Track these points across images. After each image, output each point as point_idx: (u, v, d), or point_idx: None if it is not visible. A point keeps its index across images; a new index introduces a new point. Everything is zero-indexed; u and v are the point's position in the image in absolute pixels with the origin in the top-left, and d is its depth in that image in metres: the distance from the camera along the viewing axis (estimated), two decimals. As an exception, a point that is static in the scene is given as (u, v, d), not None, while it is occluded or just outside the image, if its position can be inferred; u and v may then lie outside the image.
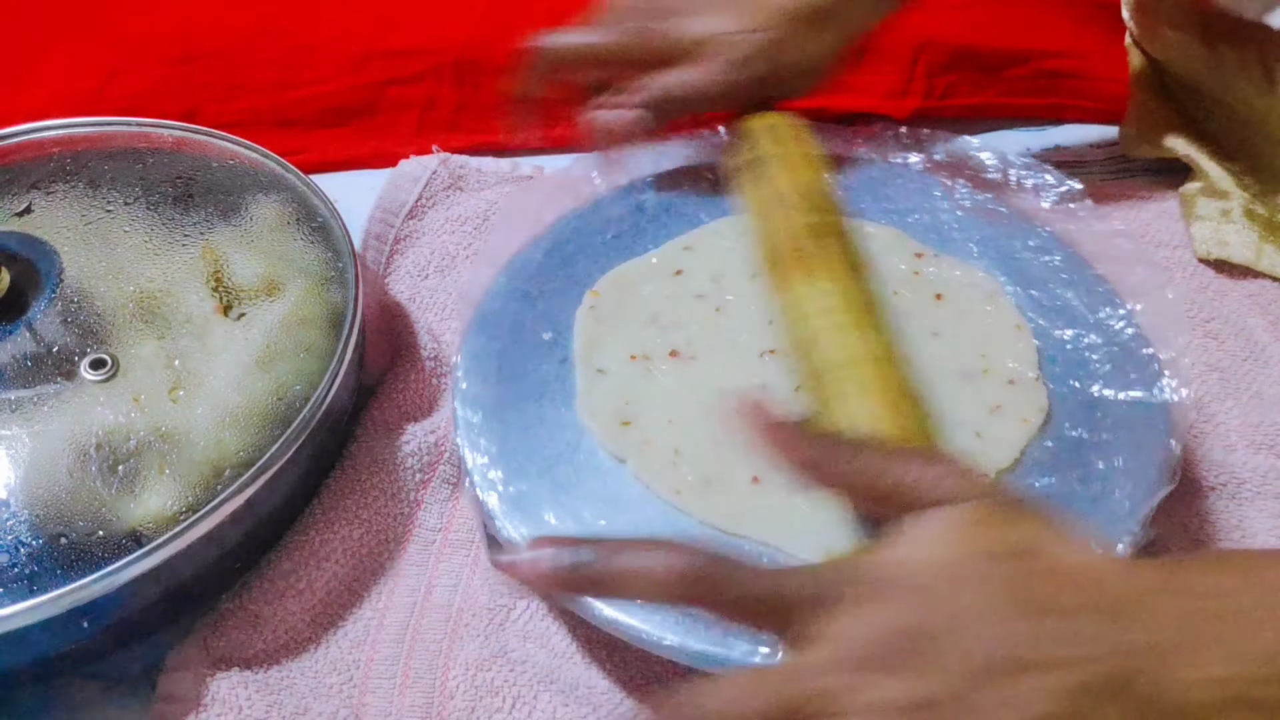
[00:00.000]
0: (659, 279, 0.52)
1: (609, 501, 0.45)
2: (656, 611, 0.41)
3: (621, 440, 0.46)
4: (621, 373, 0.49)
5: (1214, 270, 0.60)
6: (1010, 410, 0.46)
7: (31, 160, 0.57)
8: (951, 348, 0.48)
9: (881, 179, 0.56)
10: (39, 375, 0.47)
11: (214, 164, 0.57)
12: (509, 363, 0.49)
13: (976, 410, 0.46)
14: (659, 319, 0.50)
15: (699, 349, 0.49)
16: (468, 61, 0.71)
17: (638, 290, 0.52)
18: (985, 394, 0.46)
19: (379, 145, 0.69)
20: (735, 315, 0.50)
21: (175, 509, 0.45)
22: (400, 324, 0.57)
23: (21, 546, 0.43)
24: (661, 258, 0.53)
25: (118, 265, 0.51)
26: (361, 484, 0.50)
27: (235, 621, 0.46)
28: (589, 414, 0.47)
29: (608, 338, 0.50)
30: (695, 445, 0.46)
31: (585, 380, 0.48)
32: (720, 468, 0.45)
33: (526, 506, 0.45)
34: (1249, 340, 0.56)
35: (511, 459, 0.46)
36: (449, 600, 0.48)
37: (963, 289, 0.51)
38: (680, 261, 0.53)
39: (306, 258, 0.53)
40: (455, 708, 0.44)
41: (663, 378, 0.48)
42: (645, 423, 0.47)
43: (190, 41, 0.72)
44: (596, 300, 0.51)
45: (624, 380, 0.48)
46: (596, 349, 0.49)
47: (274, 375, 0.48)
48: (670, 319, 0.50)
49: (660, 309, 0.51)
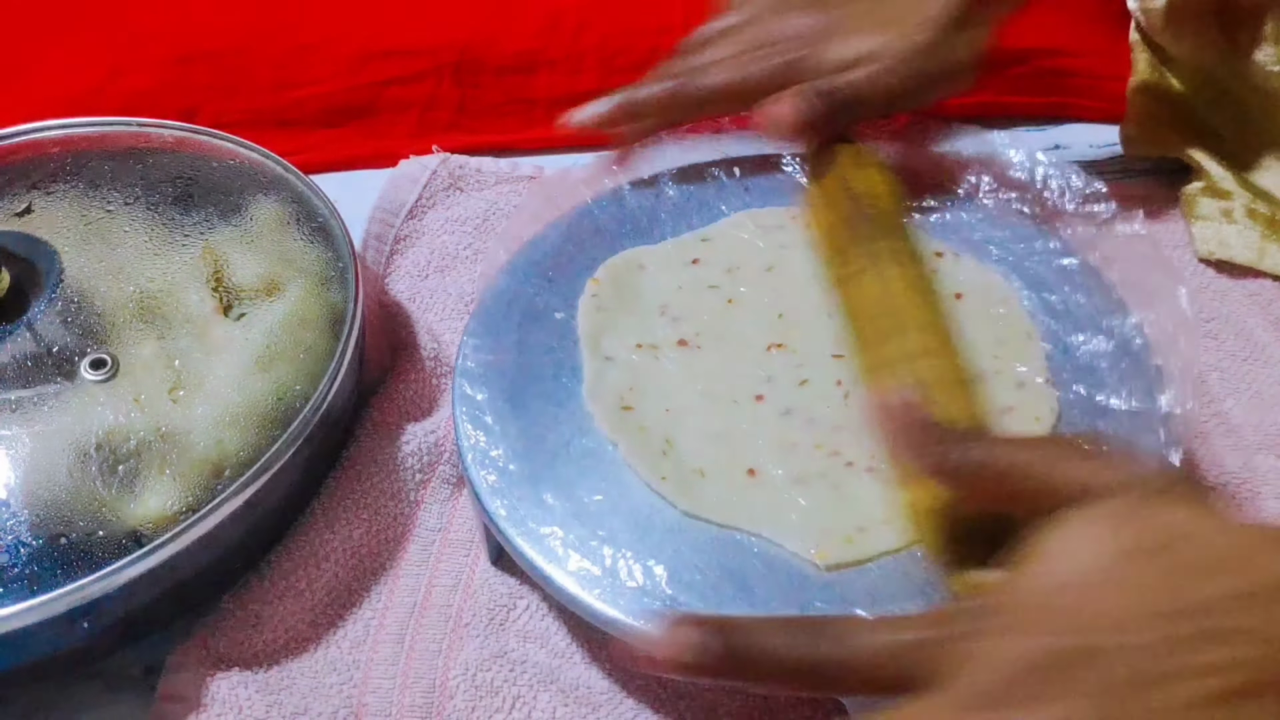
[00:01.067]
0: (673, 268, 0.52)
1: (608, 481, 0.45)
2: (656, 611, 0.41)
3: (618, 424, 0.46)
4: (628, 360, 0.49)
5: (1215, 270, 0.60)
6: (1022, 411, 0.46)
7: (31, 160, 0.57)
8: (965, 348, 0.48)
9: (907, 174, 0.55)
10: (39, 375, 0.47)
11: (214, 164, 0.57)
12: (517, 343, 0.49)
13: (990, 411, 0.46)
14: (669, 309, 0.50)
15: (706, 340, 0.49)
16: (468, 61, 0.71)
17: (648, 278, 0.52)
18: (997, 395, 0.46)
19: (379, 145, 0.68)
20: (746, 308, 0.50)
21: (175, 509, 0.45)
22: (400, 324, 0.57)
23: (21, 546, 0.43)
24: (678, 246, 0.53)
25: (118, 265, 0.51)
26: (361, 484, 0.50)
27: (235, 621, 0.46)
28: (593, 398, 0.47)
29: (616, 325, 0.50)
30: (690, 435, 0.46)
31: (592, 366, 0.48)
32: (715, 458, 0.45)
33: (524, 485, 0.45)
34: (1249, 340, 0.56)
35: (515, 440, 0.46)
36: (449, 600, 0.48)
37: (977, 290, 0.50)
38: (697, 251, 0.53)
39: (306, 258, 0.53)
40: (455, 708, 0.44)
41: (669, 365, 0.48)
42: (645, 409, 0.47)
43: (190, 41, 0.72)
44: (597, 288, 0.51)
45: (630, 367, 0.48)
46: (604, 335, 0.49)
47: (274, 375, 0.48)
48: (681, 309, 0.50)
49: (671, 299, 0.51)
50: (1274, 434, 0.52)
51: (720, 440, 0.46)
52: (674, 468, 0.45)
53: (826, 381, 0.47)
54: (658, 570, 0.42)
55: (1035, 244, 0.52)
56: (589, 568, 0.42)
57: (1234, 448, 0.52)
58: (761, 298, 0.51)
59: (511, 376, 0.48)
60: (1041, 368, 0.47)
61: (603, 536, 0.43)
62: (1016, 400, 0.46)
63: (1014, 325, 0.49)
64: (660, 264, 0.52)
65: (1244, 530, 0.32)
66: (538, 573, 0.43)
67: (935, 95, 0.56)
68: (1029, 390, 0.46)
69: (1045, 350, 0.48)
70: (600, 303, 0.51)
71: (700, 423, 0.46)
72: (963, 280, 0.51)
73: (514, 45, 0.72)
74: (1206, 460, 0.51)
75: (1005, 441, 0.38)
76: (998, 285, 0.50)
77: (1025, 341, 0.48)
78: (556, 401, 0.47)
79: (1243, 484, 0.50)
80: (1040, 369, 0.47)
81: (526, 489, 0.45)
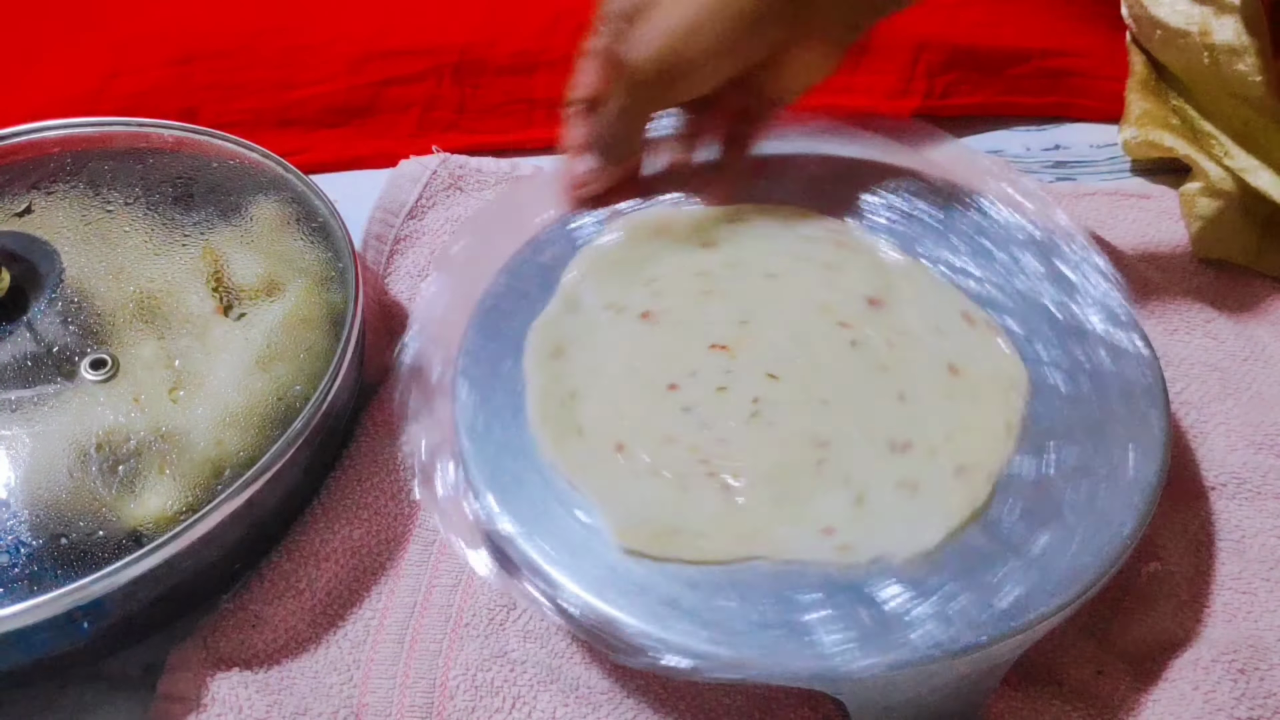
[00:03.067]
0: (686, 244, 0.52)
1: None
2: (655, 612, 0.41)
3: (543, 364, 0.48)
4: (592, 313, 0.49)
5: (1214, 270, 0.60)
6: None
7: (31, 160, 0.57)
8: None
9: (951, 222, 0.53)
10: (39, 375, 0.47)
11: (214, 164, 0.57)
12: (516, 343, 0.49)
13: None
14: (656, 281, 0.51)
15: (665, 320, 0.49)
16: (468, 61, 0.71)
17: (661, 247, 0.52)
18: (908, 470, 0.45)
19: (379, 145, 0.69)
20: (718, 304, 0.50)
21: (175, 509, 0.45)
22: (400, 324, 0.57)
23: (21, 546, 0.43)
24: (702, 221, 0.53)
25: (118, 265, 0.51)
26: (361, 484, 0.50)
27: (235, 621, 0.46)
28: (534, 331, 0.48)
29: (603, 280, 0.51)
30: (593, 398, 0.47)
31: (554, 307, 0.49)
32: (598, 423, 0.46)
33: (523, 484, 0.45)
34: (1249, 340, 0.56)
35: (514, 439, 0.46)
36: (449, 600, 0.48)
37: (985, 377, 0.48)
38: (715, 234, 0.53)
39: (306, 258, 0.53)
40: (455, 708, 0.44)
41: (620, 330, 0.49)
42: (573, 360, 0.48)
43: (190, 41, 0.72)
44: (608, 241, 0.52)
45: (587, 320, 0.49)
46: (587, 284, 0.50)
47: (274, 375, 0.48)
48: (664, 285, 0.51)
49: (662, 273, 0.51)
50: (1274, 434, 0.52)
51: (614, 411, 0.46)
52: (560, 417, 0.46)
53: (743, 396, 0.47)
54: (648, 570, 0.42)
55: (1048, 302, 0.50)
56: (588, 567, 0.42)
57: (1234, 448, 0.52)
58: (738, 300, 0.50)
59: (510, 376, 0.48)
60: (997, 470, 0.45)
61: (603, 534, 0.43)
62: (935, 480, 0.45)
63: (996, 420, 0.46)
64: (680, 234, 0.52)
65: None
66: (537, 573, 0.43)
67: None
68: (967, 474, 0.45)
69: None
70: (601, 253, 0.51)
71: (608, 390, 0.47)
72: (975, 359, 0.48)
73: (514, 45, 0.72)
74: (1207, 460, 0.51)
75: None
76: (1005, 372, 0.48)
77: (1002, 437, 0.46)
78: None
79: (1242, 484, 0.50)
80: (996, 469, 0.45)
81: (526, 488, 0.45)
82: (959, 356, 0.48)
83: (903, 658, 0.39)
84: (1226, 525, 0.49)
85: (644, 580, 0.42)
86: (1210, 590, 0.47)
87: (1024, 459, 0.45)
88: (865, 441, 0.45)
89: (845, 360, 0.48)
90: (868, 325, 0.49)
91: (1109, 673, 0.45)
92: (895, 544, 0.42)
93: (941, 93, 0.69)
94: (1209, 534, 0.49)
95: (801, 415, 0.46)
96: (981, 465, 0.44)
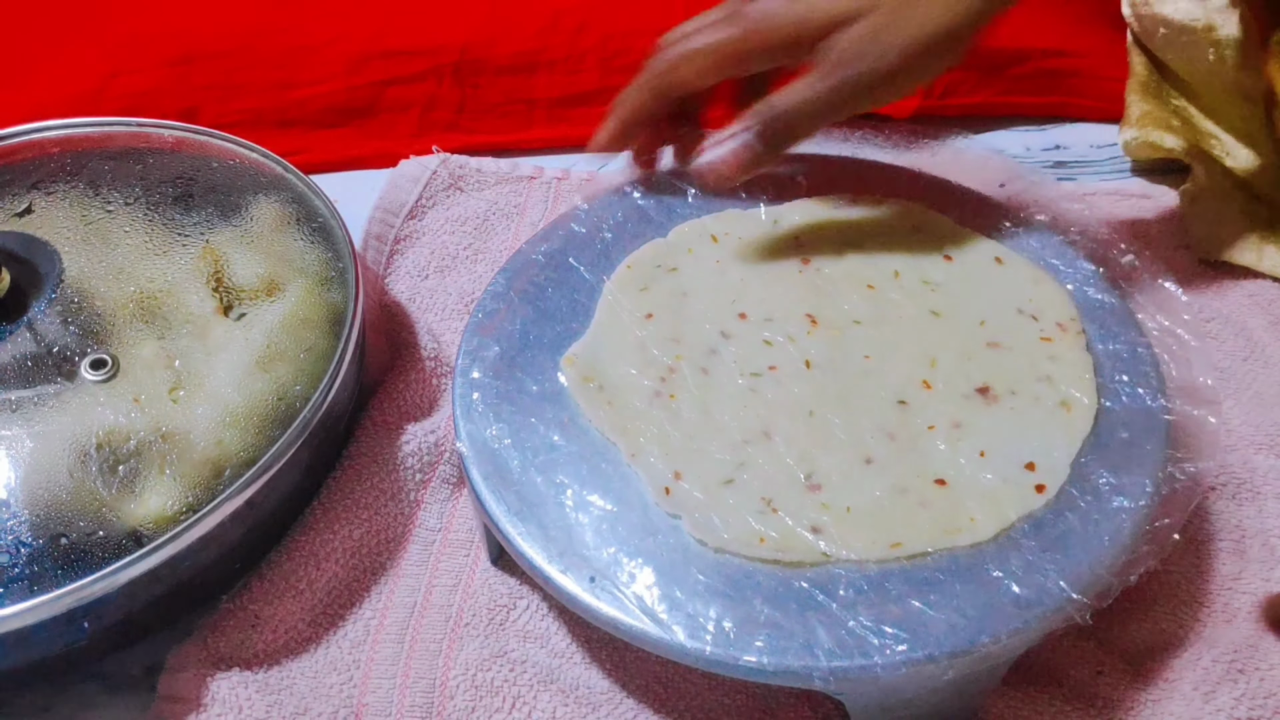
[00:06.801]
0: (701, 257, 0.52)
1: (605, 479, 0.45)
2: (656, 612, 0.41)
3: (579, 383, 0.48)
4: (622, 325, 0.49)
5: (1214, 270, 0.60)
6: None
7: (31, 160, 0.57)
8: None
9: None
10: (39, 375, 0.47)
11: (214, 164, 0.57)
12: (517, 343, 0.49)
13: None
14: (685, 305, 0.50)
15: (700, 366, 0.48)
16: (468, 61, 0.71)
17: (715, 257, 0.52)
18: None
19: (379, 145, 0.69)
20: (735, 347, 0.49)
21: (175, 509, 0.45)
22: (400, 324, 0.57)
23: (21, 547, 0.43)
24: (792, 230, 0.53)
25: (118, 265, 0.51)
26: (361, 484, 0.50)
27: (235, 621, 0.46)
28: (572, 352, 0.49)
29: (644, 289, 0.51)
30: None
31: (603, 313, 0.50)
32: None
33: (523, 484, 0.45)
34: (1249, 340, 0.56)
35: (514, 439, 0.46)
36: (449, 600, 0.48)
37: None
38: (800, 244, 0.53)
39: (306, 258, 0.53)
40: (455, 708, 0.44)
41: (641, 331, 0.49)
42: (604, 374, 0.48)
43: (190, 41, 0.72)
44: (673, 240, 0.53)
45: (621, 331, 0.49)
46: (625, 292, 0.51)
47: (274, 375, 0.48)
48: (696, 310, 0.50)
49: (693, 286, 0.51)
50: (1274, 434, 0.52)
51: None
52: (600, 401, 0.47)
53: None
54: (648, 570, 0.42)
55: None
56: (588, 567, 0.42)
57: (1233, 447, 0.52)
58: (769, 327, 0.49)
59: (510, 376, 0.48)
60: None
61: (604, 534, 0.43)
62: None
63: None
64: (761, 238, 0.53)
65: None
66: (538, 572, 0.43)
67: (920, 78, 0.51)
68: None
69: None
70: (659, 249, 0.52)
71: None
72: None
73: (514, 45, 0.72)
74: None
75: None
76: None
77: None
78: (554, 400, 0.47)
79: (1242, 484, 0.50)
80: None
81: (526, 488, 0.45)
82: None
83: (902, 658, 0.39)
84: (1226, 525, 0.49)
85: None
86: (1210, 590, 0.47)
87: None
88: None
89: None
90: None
91: (1109, 673, 0.45)
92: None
93: (942, 93, 0.69)
94: (1209, 534, 0.49)
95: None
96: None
